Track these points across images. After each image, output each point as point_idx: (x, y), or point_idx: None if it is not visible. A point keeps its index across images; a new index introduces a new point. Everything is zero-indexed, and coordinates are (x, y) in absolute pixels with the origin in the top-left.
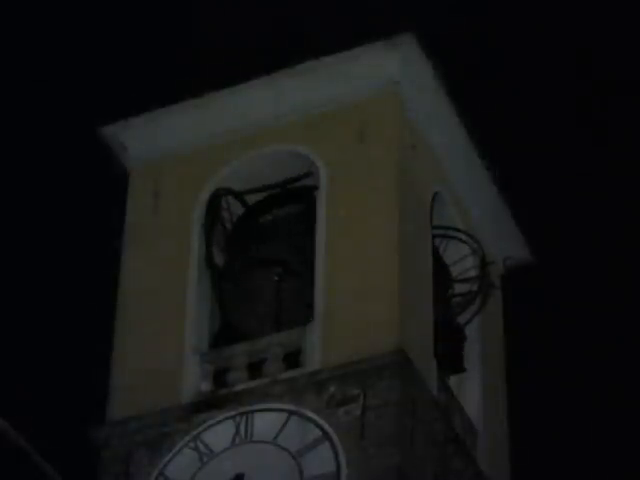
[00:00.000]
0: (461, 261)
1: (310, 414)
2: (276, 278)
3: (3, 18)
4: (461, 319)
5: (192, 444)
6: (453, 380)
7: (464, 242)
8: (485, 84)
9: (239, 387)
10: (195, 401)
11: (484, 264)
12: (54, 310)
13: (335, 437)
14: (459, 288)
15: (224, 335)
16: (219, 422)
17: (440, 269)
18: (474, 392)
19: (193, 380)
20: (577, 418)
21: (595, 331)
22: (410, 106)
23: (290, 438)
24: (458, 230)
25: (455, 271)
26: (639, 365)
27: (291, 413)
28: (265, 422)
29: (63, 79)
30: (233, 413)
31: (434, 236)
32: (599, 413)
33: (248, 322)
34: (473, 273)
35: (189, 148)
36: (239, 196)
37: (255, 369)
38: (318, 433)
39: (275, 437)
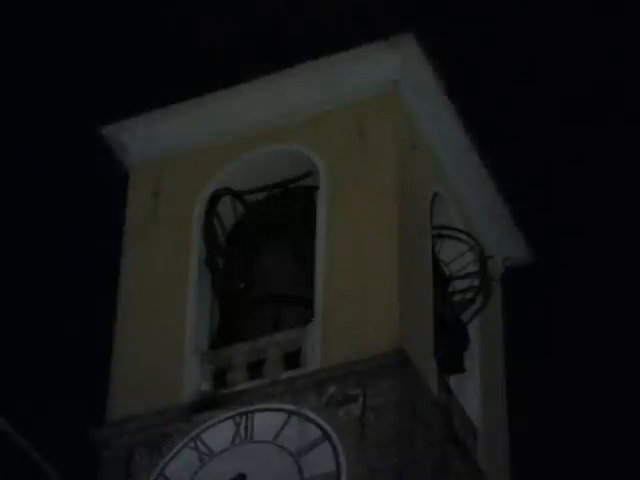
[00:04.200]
0: (460, 259)
1: (310, 414)
2: (276, 278)
3: (3, 18)
4: (462, 319)
5: (192, 444)
6: (453, 380)
7: (464, 242)
8: (485, 84)
9: (239, 387)
10: (195, 401)
11: (484, 263)
12: (54, 310)
13: (335, 437)
14: (459, 286)
15: (224, 335)
16: (219, 422)
17: (440, 269)
18: (474, 392)
19: (193, 380)
20: (577, 418)
21: (595, 331)
22: (410, 106)
23: (290, 438)
24: (458, 230)
25: (455, 269)
26: (639, 365)
27: (291, 413)
28: (265, 422)
29: (63, 79)
30: (233, 413)
31: (434, 236)
32: (599, 413)
33: (248, 322)
34: (473, 269)
35: (189, 148)
36: (239, 196)
37: (255, 369)
38: (318, 433)
39: (275, 437)
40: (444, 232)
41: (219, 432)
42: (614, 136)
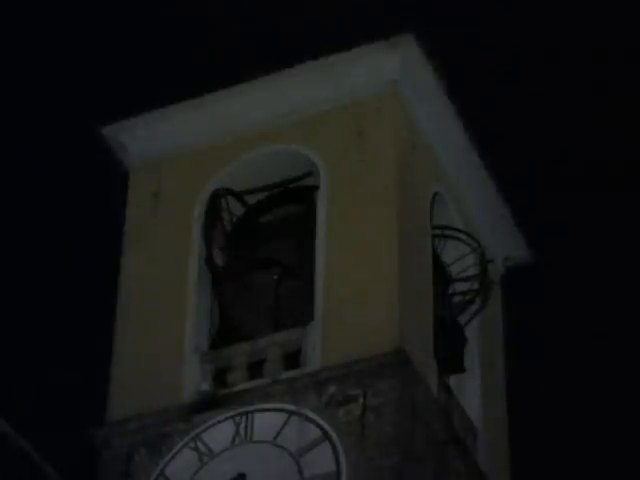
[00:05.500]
0: (461, 261)
1: (310, 414)
2: (275, 278)
3: (3, 18)
4: (461, 319)
5: (192, 444)
6: (453, 380)
7: (464, 242)
8: (485, 84)
9: (239, 387)
10: (195, 401)
11: (484, 263)
12: (54, 310)
13: (335, 437)
14: (459, 287)
15: (224, 335)
16: (219, 422)
17: (440, 269)
18: (474, 392)
19: (193, 380)
20: (577, 418)
21: (595, 331)
22: (410, 106)
23: (290, 438)
24: (458, 230)
25: (455, 271)
26: (639, 365)
27: (291, 413)
28: (265, 422)
29: (63, 79)
30: (233, 413)
31: (434, 236)
32: (599, 412)
33: (248, 322)
34: (473, 272)
35: (189, 148)
36: (239, 196)
37: (255, 369)
38: (318, 433)
39: (275, 437)
40: (445, 232)
41: (219, 432)
42: (614, 136)
